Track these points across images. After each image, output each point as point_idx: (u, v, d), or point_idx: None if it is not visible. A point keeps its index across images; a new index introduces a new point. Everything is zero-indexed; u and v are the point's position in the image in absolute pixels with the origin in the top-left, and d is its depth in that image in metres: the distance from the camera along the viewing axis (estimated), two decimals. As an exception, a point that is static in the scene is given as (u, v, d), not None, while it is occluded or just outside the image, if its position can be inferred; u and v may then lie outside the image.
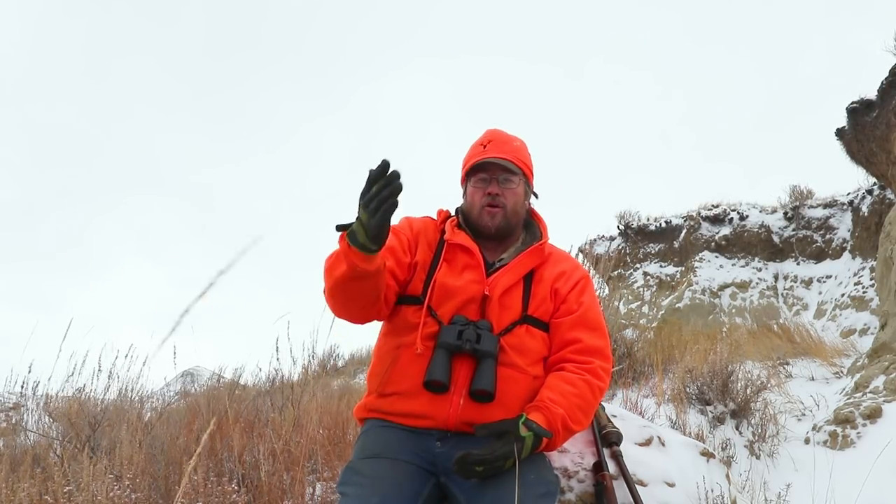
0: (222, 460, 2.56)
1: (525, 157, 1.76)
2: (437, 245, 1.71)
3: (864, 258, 10.33)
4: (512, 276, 1.65)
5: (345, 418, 3.03)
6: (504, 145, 1.72)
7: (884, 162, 6.82)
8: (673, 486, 1.86)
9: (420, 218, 1.80)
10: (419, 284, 1.65)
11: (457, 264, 1.66)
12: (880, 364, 4.45)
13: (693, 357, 4.85)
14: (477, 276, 1.63)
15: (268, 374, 4.22)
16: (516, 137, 1.78)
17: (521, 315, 1.62)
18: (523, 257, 1.67)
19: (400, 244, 1.67)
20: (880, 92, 6.72)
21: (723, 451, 3.51)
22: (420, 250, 1.70)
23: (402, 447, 1.51)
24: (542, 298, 1.65)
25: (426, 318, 1.59)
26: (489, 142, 1.73)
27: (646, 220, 13.81)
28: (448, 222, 1.74)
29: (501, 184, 1.69)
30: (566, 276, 1.70)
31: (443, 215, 1.80)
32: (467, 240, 1.68)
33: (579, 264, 1.80)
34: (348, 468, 1.53)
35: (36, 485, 2.12)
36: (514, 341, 1.58)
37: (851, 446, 3.61)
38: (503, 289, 1.62)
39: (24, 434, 3.26)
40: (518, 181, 1.72)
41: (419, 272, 1.67)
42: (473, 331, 1.53)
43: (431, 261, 1.68)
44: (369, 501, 1.37)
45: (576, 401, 1.53)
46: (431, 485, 1.49)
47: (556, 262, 1.73)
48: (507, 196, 1.70)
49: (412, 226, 1.75)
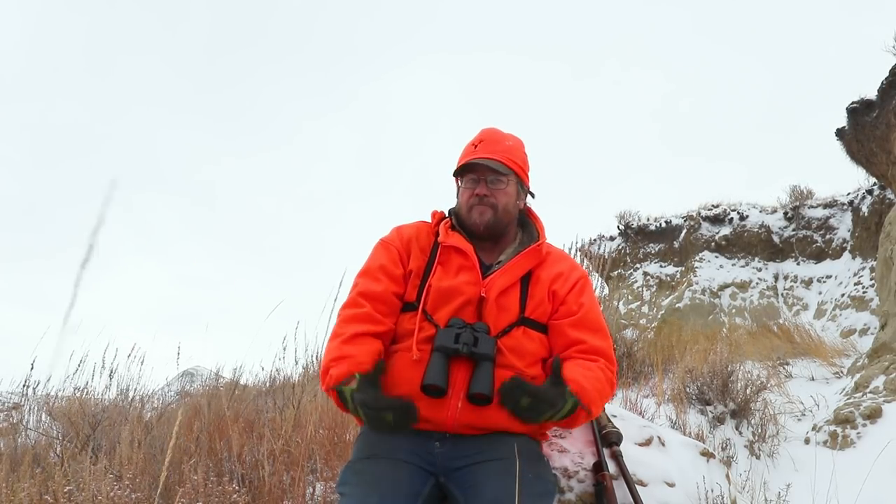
0: (222, 460, 2.56)
1: (517, 157, 1.74)
2: (431, 249, 1.71)
3: (864, 258, 10.33)
4: (509, 277, 1.64)
5: (344, 418, 3.03)
6: (495, 145, 1.71)
7: (884, 162, 6.82)
8: (673, 486, 1.86)
9: (411, 224, 1.79)
10: (413, 291, 1.65)
11: (451, 266, 1.65)
12: (880, 364, 4.45)
13: (693, 357, 4.86)
14: (472, 278, 1.62)
15: (269, 373, 4.23)
16: (510, 136, 1.77)
17: (518, 317, 1.61)
18: (520, 258, 1.67)
19: (390, 258, 1.69)
20: (880, 92, 6.72)
21: (723, 451, 3.52)
22: (413, 257, 1.69)
23: (401, 447, 1.51)
24: (540, 300, 1.65)
25: (422, 322, 1.58)
26: (480, 142, 1.72)
27: (646, 220, 13.80)
28: (442, 224, 1.73)
29: (490, 184, 1.68)
30: (564, 277, 1.69)
31: (437, 217, 1.79)
32: (461, 241, 1.67)
33: (577, 264, 1.79)
34: (347, 468, 1.54)
35: (36, 484, 2.12)
36: (511, 343, 1.58)
37: (851, 446, 3.61)
38: (500, 290, 1.61)
39: (24, 433, 3.26)
40: (508, 181, 1.70)
41: (413, 279, 1.66)
42: (470, 334, 1.52)
43: (425, 266, 1.68)
44: (368, 501, 1.37)
45: (596, 384, 1.53)
46: (431, 485, 1.49)
47: (554, 262, 1.72)
48: (497, 196, 1.69)
49: (402, 235, 1.74)
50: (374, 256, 1.73)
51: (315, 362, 3.64)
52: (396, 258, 1.69)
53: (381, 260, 1.69)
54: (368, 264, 1.72)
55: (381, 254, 1.72)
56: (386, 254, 1.70)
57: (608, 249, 13.09)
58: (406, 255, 1.70)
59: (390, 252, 1.70)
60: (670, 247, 13.16)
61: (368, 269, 1.70)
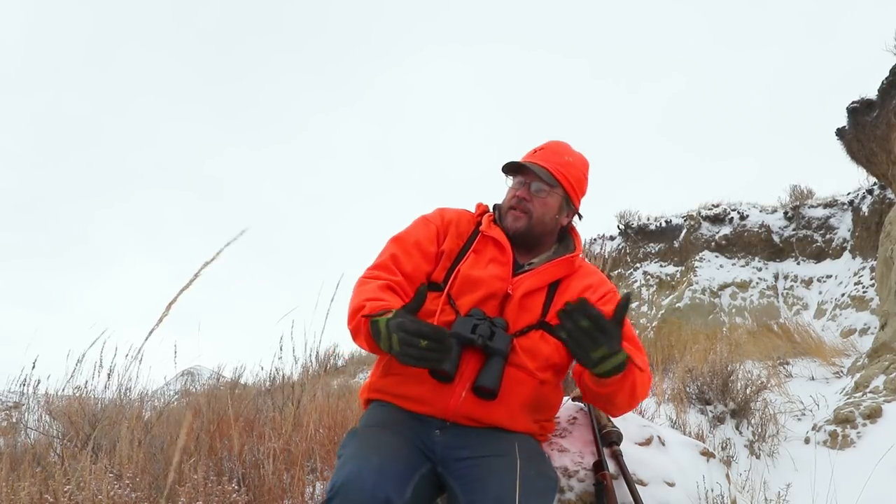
0: (222, 460, 2.56)
1: (572, 174, 1.72)
2: (470, 236, 1.71)
3: (864, 258, 10.33)
4: (538, 280, 1.64)
5: (344, 417, 3.03)
6: (554, 156, 1.71)
7: (884, 162, 6.82)
8: (673, 485, 1.86)
9: (455, 209, 1.80)
10: (442, 273, 1.65)
11: (484, 256, 1.66)
12: (880, 364, 4.45)
13: (693, 357, 4.86)
14: (503, 273, 1.62)
15: (269, 373, 4.23)
16: (576, 154, 1.76)
17: (538, 319, 1.61)
18: (553, 265, 1.67)
19: (427, 235, 1.69)
20: (880, 92, 6.72)
21: (723, 451, 3.52)
22: (449, 239, 1.70)
23: (405, 426, 1.52)
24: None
25: (444, 305, 1.58)
26: (542, 148, 1.73)
27: (646, 220, 13.81)
28: (485, 216, 1.74)
29: (533, 191, 1.69)
30: (593, 289, 1.68)
31: (481, 209, 1.80)
32: (502, 235, 1.68)
33: (607, 279, 1.78)
34: (350, 434, 1.53)
35: (36, 483, 2.12)
36: (527, 344, 1.58)
37: (851, 446, 3.62)
38: (526, 290, 1.62)
39: (24, 432, 3.26)
40: (552, 193, 1.69)
41: (444, 261, 1.67)
42: (488, 327, 1.52)
43: (459, 251, 1.69)
44: (370, 461, 1.35)
45: (640, 376, 1.47)
46: (427, 468, 1.47)
47: (585, 275, 1.72)
48: (536, 204, 1.68)
49: (443, 216, 1.75)
50: (412, 230, 1.73)
51: (314, 362, 3.64)
52: (433, 236, 1.70)
53: (417, 235, 1.69)
54: (405, 234, 1.71)
55: (420, 229, 1.72)
56: (424, 229, 1.70)
57: (608, 249, 13.10)
58: (444, 235, 1.71)
59: (429, 228, 1.71)
60: (670, 246, 13.16)
61: (404, 239, 1.70)
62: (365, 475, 1.32)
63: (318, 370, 5.58)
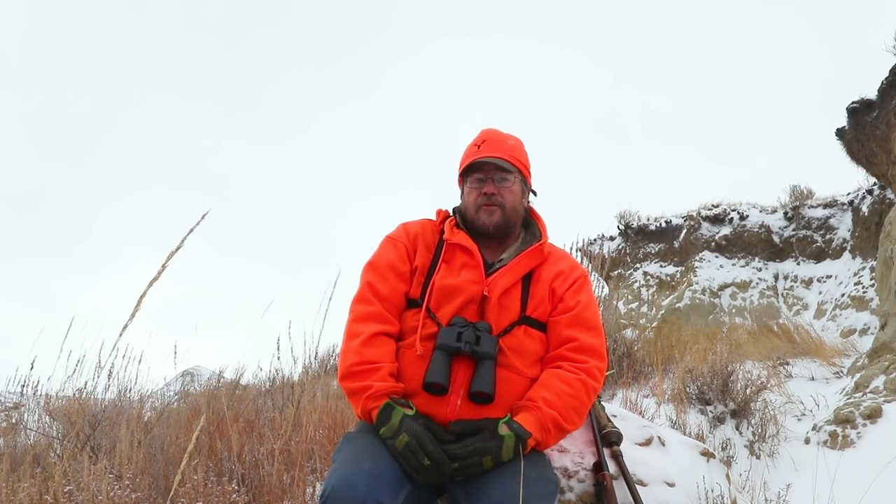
0: (222, 460, 2.56)
1: (521, 156, 1.77)
2: (436, 246, 1.73)
3: (864, 258, 10.33)
4: (511, 276, 1.65)
5: (344, 418, 3.03)
6: (498, 144, 1.73)
7: (884, 162, 6.81)
8: (673, 485, 1.86)
9: (417, 221, 1.81)
10: (418, 289, 1.67)
11: (455, 264, 1.67)
12: (880, 364, 4.45)
13: (693, 357, 4.86)
14: (476, 276, 1.64)
15: (268, 373, 4.23)
16: (511, 136, 1.80)
17: (519, 316, 1.63)
18: (522, 258, 1.68)
19: (398, 255, 1.71)
20: (880, 92, 6.71)
21: (723, 451, 3.52)
22: (419, 254, 1.71)
23: None
24: (541, 299, 1.66)
25: (425, 319, 1.60)
26: (483, 142, 1.74)
27: (646, 220, 13.80)
28: (447, 223, 1.75)
29: (497, 183, 1.71)
30: (564, 276, 1.71)
31: (442, 215, 1.81)
32: (466, 239, 1.69)
33: (578, 263, 1.80)
34: (345, 438, 1.55)
35: (36, 484, 2.12)
36: (512, 343, 1.59)
37: (851, 446, 3.61)
38: (502, 289, 1.63)
39: (24, 433, 3.26)
40: (514, 179, 1.73)
41: (418, 276, 1.68)
42: (472, 332, 1.53)
43: (430, 263, 1.70)
44: (361, 465, 1.37)
45: (571, 402, 1.54)
46: None
47: (555, 261, 1.74)
48: (505, 195, 1.71)
49: (408, 232, 1.76)
50: (382, 253, 1.74)
51: (314, 362, 3.63)
52: (404, 254, 1.71)
53: (388, 257, 1.71)
54: (376, 259, 1.73)
55: (390, 251, 1.73)
56: (394, 251, 1.72)
57: (608, 249, 13.11)
58: (413, 251, 1.72)
59: (398, 248, 1.72)
60: (670, 247, 13.16)
61: (376, 264, 1.72)
62: (356, 480, 1.33)
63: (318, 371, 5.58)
